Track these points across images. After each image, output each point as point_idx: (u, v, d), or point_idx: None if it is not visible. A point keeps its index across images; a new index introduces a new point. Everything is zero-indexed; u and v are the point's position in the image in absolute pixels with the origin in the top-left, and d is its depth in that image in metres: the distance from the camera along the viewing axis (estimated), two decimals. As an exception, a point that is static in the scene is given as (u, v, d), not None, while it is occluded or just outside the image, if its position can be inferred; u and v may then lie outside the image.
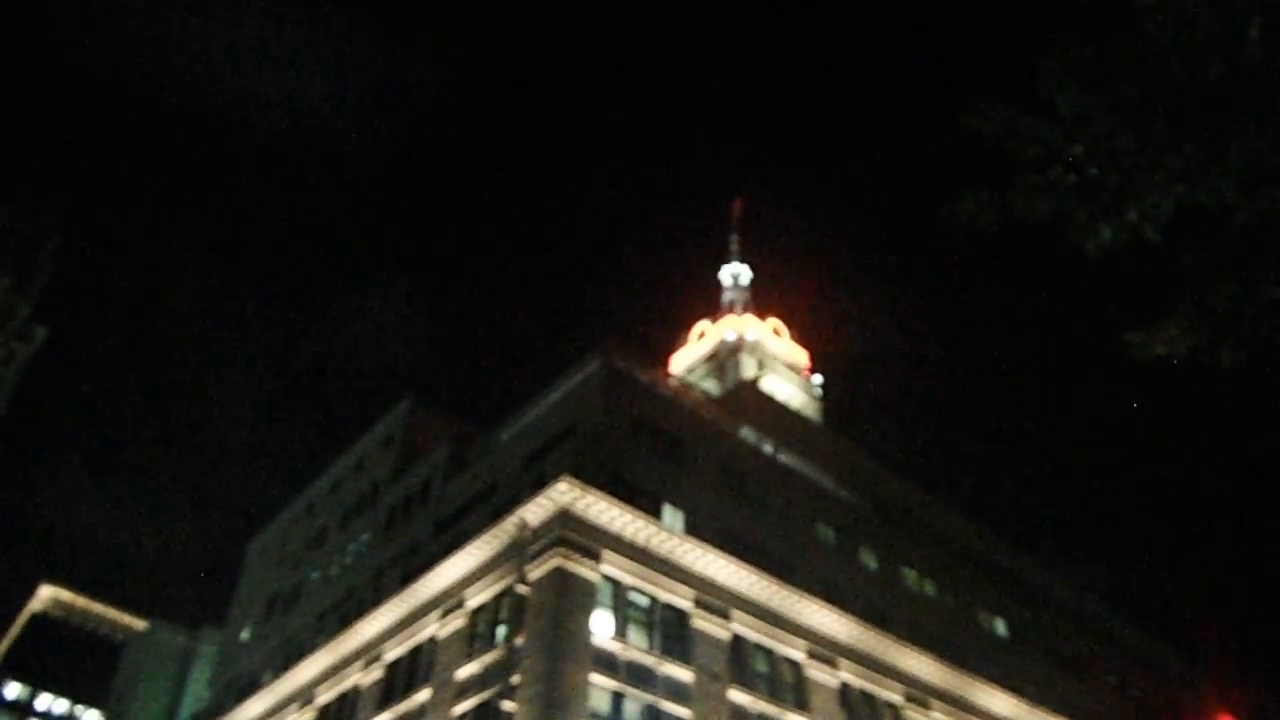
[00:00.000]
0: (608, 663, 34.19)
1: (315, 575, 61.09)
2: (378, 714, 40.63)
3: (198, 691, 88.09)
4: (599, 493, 36.14)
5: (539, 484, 36.85)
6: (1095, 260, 8.29)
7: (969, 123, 8.20)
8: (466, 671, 36.48)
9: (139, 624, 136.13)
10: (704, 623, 37.91)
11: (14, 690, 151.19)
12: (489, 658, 35.63)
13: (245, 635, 68.78)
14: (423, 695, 38.38)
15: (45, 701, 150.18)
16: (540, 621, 33.88)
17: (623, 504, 36.78)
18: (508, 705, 32.83)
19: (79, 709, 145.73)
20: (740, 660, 38.78)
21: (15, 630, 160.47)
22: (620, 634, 35.18)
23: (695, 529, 40.62)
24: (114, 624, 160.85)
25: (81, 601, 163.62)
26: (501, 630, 35.98)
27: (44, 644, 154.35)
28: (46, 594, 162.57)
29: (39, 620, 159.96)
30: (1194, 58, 7.66)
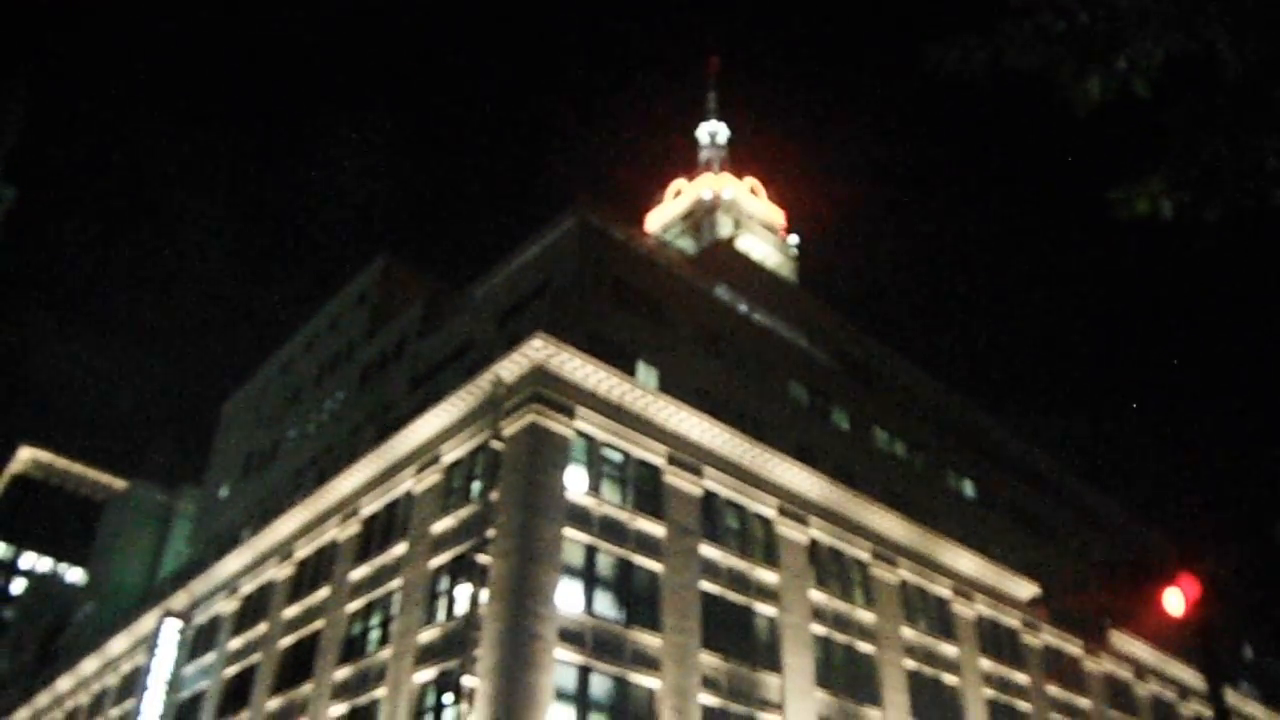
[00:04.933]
0: (581, 517, 34.65)
1: (292, 433, 61.39)
2: (355, 567, 41.19)
3: (178, 548, 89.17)
4: (573, 350, 36.15)
5: (513, 341, 36.78)
6: (1083, 119, 8.11)
7: None
8: (442, 526, 36.91)
9: (119, 483, 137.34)
10: (676, 479, 38.36)
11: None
12: (464, 512, 36.03)
13: (224, 493, 69.42)
14: (399, 549, 38.88)
15: (29, 560, 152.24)
16: (515, 477, 34.19)
17: (597, 361, 36.83)
18: (483, 558, 33.31)
19: (62, 567, 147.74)
20: (712, 516, 39.37)
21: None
22: (594, 489, 35.59)
23: (669, 386, 40.81)
24: (94, 484, 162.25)
25: (61, 462, 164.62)
26: (477, 485, 36.31)
27: (26, 504, 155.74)
28: (26, 455, 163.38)
29: (20, 481, 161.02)
30: None
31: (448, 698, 32.62)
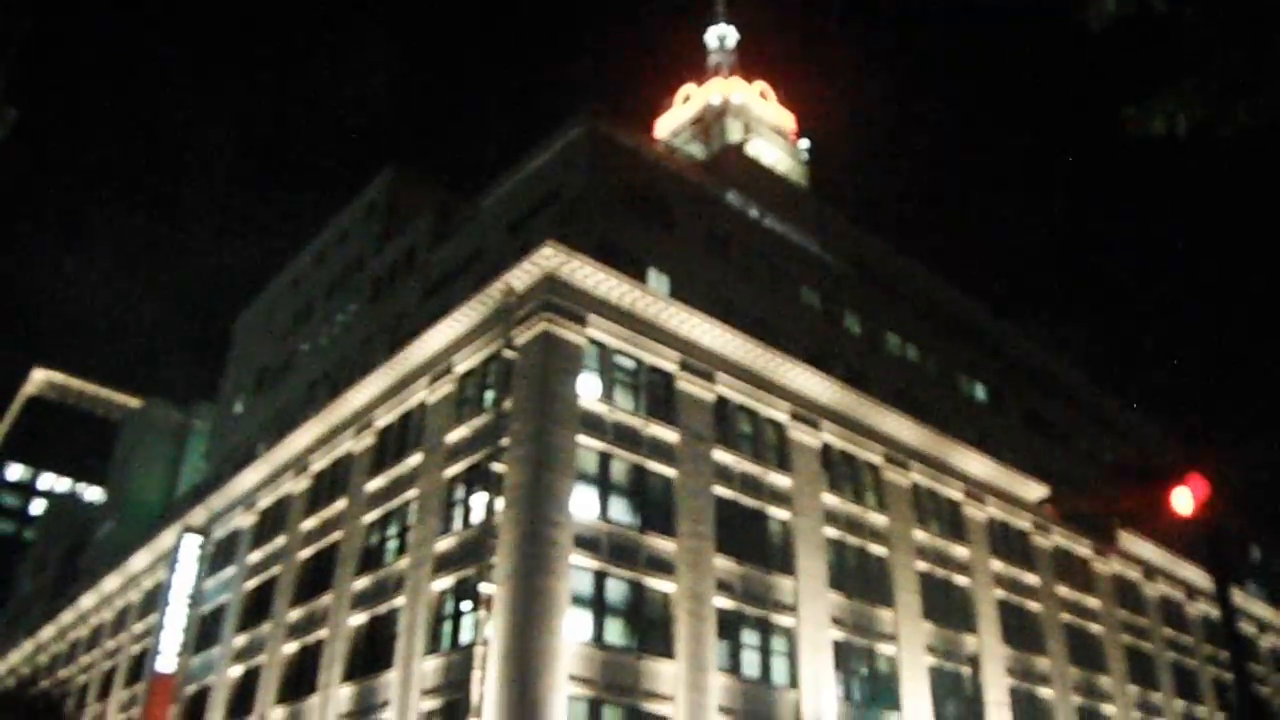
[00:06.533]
0: (594, 424, 34.76)
1: (304, 347, 61.44)
2: (371, 478, 41.49)
3: (195, 465, 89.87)
4: (584, 257, 35.96)
5: (524, 250, 36.58)
6: (1098, 35, 7.87)
7: None
8: (456, 435, 37.08)
9: (134, 402, 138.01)
10: (689, 385, 38.40)
11: (16, 471, 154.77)
12: (478, 421, 36.16)
13: (238, 408, 69.77)
14: (414, 459, 39.11)
15: (48, 481, 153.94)
16: (528, 385, 34.24)
17: (608, 268, 36.66)
18: (498, 467, 33.50)
19: (80, 486, 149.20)
20: (724, 421, 39.47)
21: (13, 414, 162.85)
22: (606, 396, 35.65)
23: (680, 292, 40.68)
24: (109, 403, 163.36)
25: (75, 383, 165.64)
26: (490, 395, 36.40)
27: (42, 426, 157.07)
28: (40, 377, 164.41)
29: (35, 403, 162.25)
30: None
31: (466, 605, 33.08)
